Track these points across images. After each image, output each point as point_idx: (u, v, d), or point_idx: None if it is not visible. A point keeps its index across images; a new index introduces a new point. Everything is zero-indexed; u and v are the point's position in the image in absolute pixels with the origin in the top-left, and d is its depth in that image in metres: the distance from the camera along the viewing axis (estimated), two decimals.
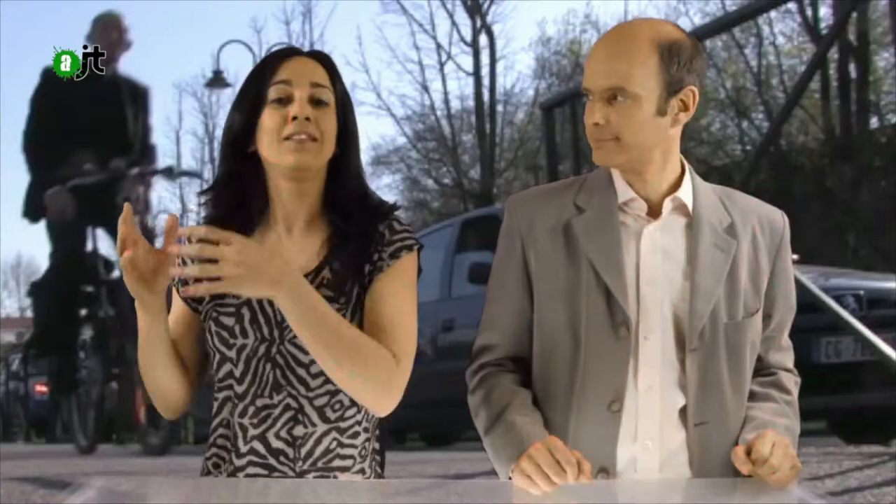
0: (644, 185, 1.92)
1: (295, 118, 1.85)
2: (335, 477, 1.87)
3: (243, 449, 1.88)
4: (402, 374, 1.84)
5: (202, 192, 1.96)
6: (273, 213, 1.93)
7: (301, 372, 1.86)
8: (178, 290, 1.95)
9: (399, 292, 1.88)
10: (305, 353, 1.84)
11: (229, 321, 1.88)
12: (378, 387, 1.82)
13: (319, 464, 1.87)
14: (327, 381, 1.85)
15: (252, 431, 1.87)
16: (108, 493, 1.82)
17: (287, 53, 1.93)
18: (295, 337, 1.84)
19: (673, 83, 1.87)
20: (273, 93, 1.87)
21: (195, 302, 1.94)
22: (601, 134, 1.87)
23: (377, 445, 1.95)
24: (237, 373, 1.88)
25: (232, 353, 1.88)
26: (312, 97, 1.88)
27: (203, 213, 1.98)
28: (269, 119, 1.87)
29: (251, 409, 1.87)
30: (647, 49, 1.85)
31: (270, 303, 1.86)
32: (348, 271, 1.87)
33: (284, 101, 1.87)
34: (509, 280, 1.95)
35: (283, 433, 1.86)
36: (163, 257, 1.81)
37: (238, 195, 1.92)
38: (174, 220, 1.80)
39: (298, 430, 1.86)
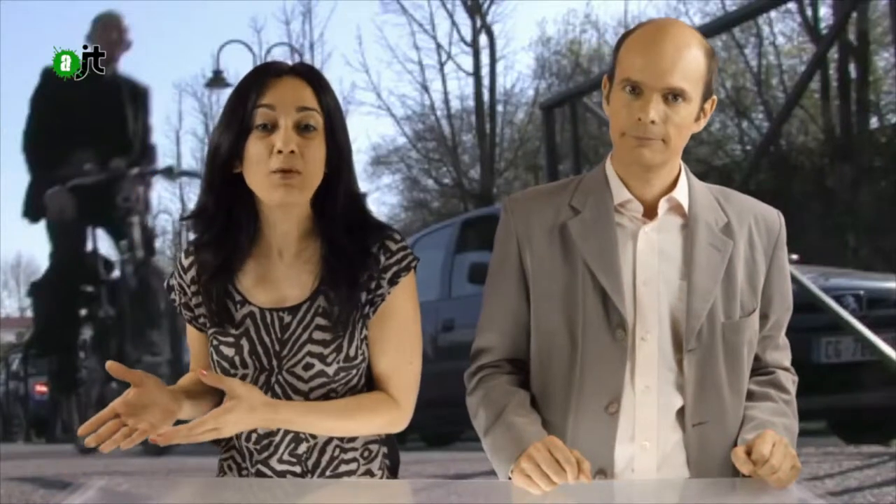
0: (643, 187, 1.91)
1: (280, 151, 1.81)
2: None
3: (252, 469, 1.91)
4: (405, 411, 1.91)
5: (188, 217, 1.92)
6: (264, 237, 1.91)
7: (299, 399, 1.87)
8: (188, 322, 1.95)
9: (401, 336, 1.91)
10: (303, 381, 1.86)
11: (229, 351, 1.88)
12: (383, 428, 1.93)
13: (328, 472, 1.89)
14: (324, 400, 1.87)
15: (256, 457, 1.90)
16: (108, 493, 1.83)
17: (273, 73, 1.87)
18: (293, 366, 1.86)
19: (708, 91, 1.89)
20: (258, 118, 1.83)
21: (200, 325, 1.94)
22: (651, 132, 1.84)
23: (385, 449, 1.96)
24: None
25: None
26: (298, 123, 1.84)
27: (191, 237, 1.95)
28: (254, 147, 1.83)
29: (254, 437, 1.89)
30: (702, 54, 1.87)
31: (268, 333, 1.88)
32: (343, 306, 1.86)
33: (269, 127, 1.83)
34: (506, 281, 1.95)
35: (286, 455, 1.89)
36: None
37: (227, 219, 1.89)
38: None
39: (301, 448, 1.88)
